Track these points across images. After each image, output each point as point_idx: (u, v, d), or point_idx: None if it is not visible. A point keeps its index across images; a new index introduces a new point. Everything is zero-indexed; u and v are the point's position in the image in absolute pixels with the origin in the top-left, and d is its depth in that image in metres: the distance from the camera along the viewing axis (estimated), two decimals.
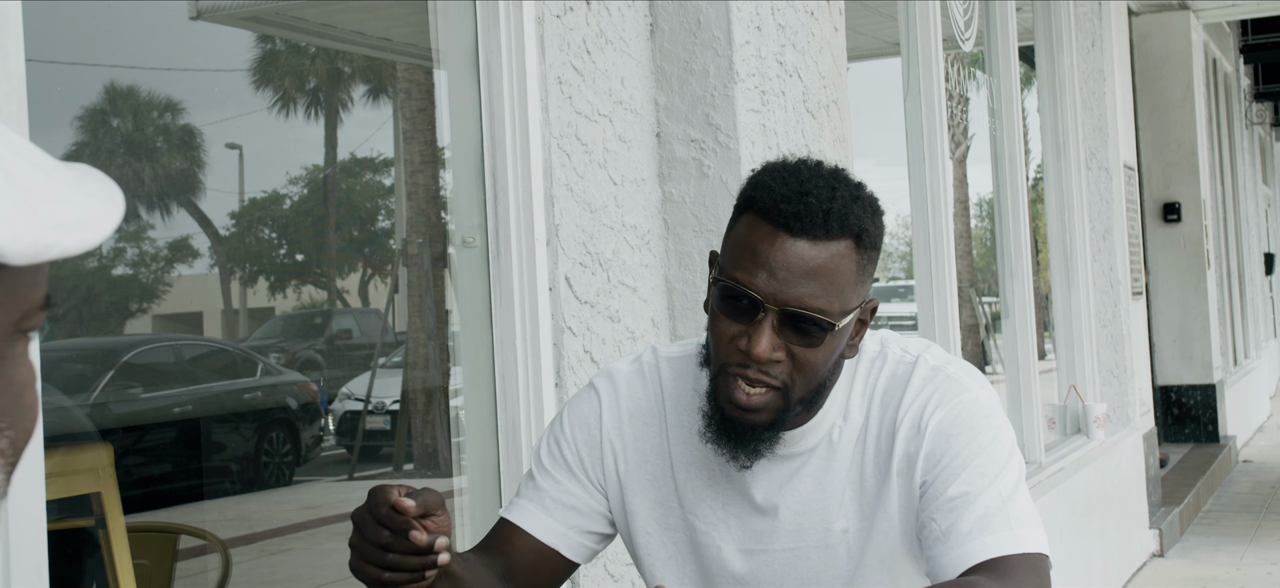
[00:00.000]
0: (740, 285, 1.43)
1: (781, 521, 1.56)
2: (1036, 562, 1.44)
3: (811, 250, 1.42)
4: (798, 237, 1.41)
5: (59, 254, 0.77)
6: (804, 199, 1.42)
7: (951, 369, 1.55)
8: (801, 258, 1.41)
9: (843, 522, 1.55)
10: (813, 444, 1.55)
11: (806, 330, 1.43)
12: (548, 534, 1.61)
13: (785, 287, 1.41)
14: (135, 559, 3.23)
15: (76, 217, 0.77)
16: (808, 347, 1.43)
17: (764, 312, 1.42)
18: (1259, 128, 15.58)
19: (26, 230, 0.74)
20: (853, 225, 1.43)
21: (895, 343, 1.59)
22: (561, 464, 1.64)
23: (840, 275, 1.43)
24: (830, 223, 1.41)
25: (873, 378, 1.57)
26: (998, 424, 1.52)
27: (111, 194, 0.81)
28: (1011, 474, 1.48)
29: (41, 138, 8.99)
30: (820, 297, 1.42)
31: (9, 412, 0.81)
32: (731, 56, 2.93)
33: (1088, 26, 6.58)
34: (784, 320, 1.42)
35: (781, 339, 1.43)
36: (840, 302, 1.43)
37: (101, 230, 0.79)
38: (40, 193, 0.76)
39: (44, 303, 0.82)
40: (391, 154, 23.35)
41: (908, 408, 1.52)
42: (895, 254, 46.03)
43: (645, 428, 1.63)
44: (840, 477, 1.56)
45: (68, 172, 0.80)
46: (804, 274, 1.41)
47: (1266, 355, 14.47)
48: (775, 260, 1.42)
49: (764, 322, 1.42)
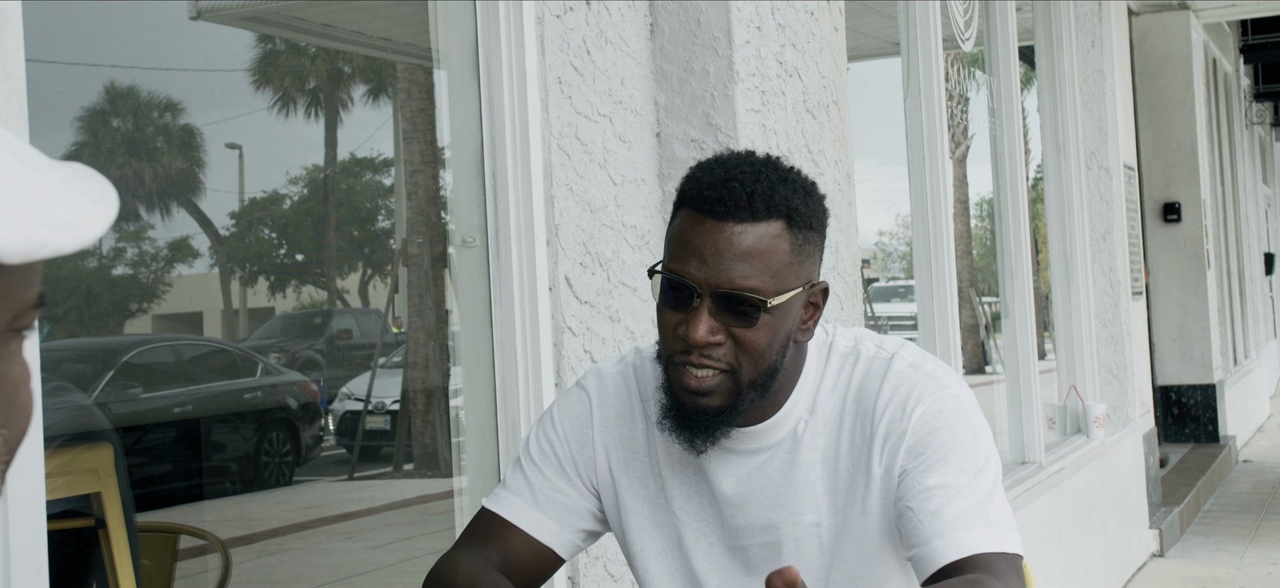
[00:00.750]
0: (675, 275, 1.47)
1: (752, 515, 1.58)
2: (1016, 563, 1.46)
3: (740, 232, 1.45)
4: (724, 220, 1.45)
5: (52, 253, 0.76)
6: (728, 185, 1.46)
7: (929, 367, 1.57)
8: (730, 241, 1.45)
9: (813, 515, 1.57)
10: (778, 438, 1.57)
11: (742, 311, 1.45)
12: (544, 533, 1.63)
13: (715, 271, 1.45)
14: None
15: (69, 215, 0.77)
16: (745, 327, 1.46)
17: (698, 297, 1.45)
18: (1259, 128, 15.58)
19: (19, 229, 0.74)
20: (781, 206, 1.46)
21: (869, 339, 1.61)
22: (553, 463, 1.65)
23: (773, 256, 1.45)
24: (756, 204, 1.45)
25: (846, 373, 1.58)
26: (977, 423, 1.54)
27: (105, 192, 0.81)
28: (990, 473, 1.51)
29: (41, 138, 8.94)
30: (752, 276, 1.44)
31: (3, 410, 0.81)
32: (731, 56, 2.93)
33: (1088, 26, 6.58)
34: (718, 303, 1.45)
35: (719, 322, 1.46)
36: (775, 282, 1.46)
37: (95, 229, 0.79)
38: (33, 191, 0.76)
39: (38, 301, 0.82)
40: (391, 154, 23.35)
41: (888, 401, 1.54)
42: (895, 254, 46.03)
43: (631, 426, 1.65)
44: (808, 471, 1.57)
45: (61, 170, 0.80)
46: (734, 256, 1.44)
47: (1266, 355, 14.47)
48: (705, 246, 1.45)
49: (700, 307, 1.45)
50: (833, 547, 1.57)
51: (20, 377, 0.83)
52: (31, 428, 0.86)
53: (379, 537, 8.75)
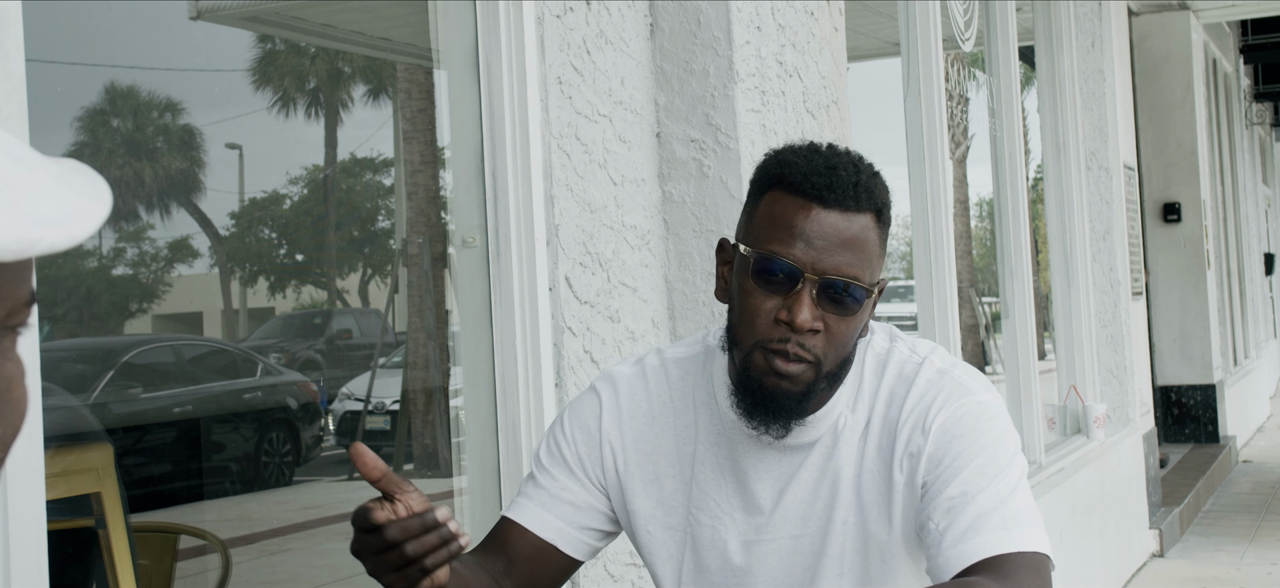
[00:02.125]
0: (778, 257, 1.44)
1: (784, 510, 1.57)
2: (1035, 561, 1.44)
3: (844, 221, 1.44)
4: (830, 208, 1.44)
5: (44, 250, 0.76)
6: (833, 173, 1.45)
7: (957, 373, 1.56)
8: (836, 228, 1.44)
9: (842, 514, 1.56)
10: (819, 434, 1.56)
11: (843, 300, 1.45)
12: (546, 530, 1.62)
13: (823, 255, 1.43)
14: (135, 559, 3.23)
15: (62, 212, 0.77)
16: (843, 316, 1.45)
17: (803, 281, 1.44)
18: (1259, 128, 15.58)
19: (10, 226, 0.74)
20: (877, 199, 1.47)
21: (903, 342, 1.60)
22: (560, 463, 1.65)
23: (868, 247, 1.46)
24: (859, 194, 1.45)
25: (878, 375, 1.57)
26: (1001, 427, 1.52)
27: (98, 189, 0.81)
28: (1012, 475, 1.48)
29: (41, 138, 8.94)
30: (855, 265, 1.44)
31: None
32: (731, 56, 2.93)
33: (1088, 26, 6.58)
34: (822, 290, 1.44)
35: (818, 310, 1.44)
36: (870, 273, 1.46)
37: (87, 226, 0.78)
38: (24, 188, 0.76)
39: (30, 299, 0.81)
40: (391, 154, 23.35)
41: (912, 409, 1.53)
42: (895, 254, 46.01)
43: (647, 428, 1.64)
44: (843, 469, 1.56)
45: (53, 166, 0.80)
46: (839, 244, 1.44)
47: (1266, 356, 14.47)
48: (812, 231, 1.44)
49: (803, 291, 1.44)
50: (857, 549, 1.57)
51: (14, 374, 0.82)
52: (26, 425, 0.85)
53: None
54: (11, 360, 0.82)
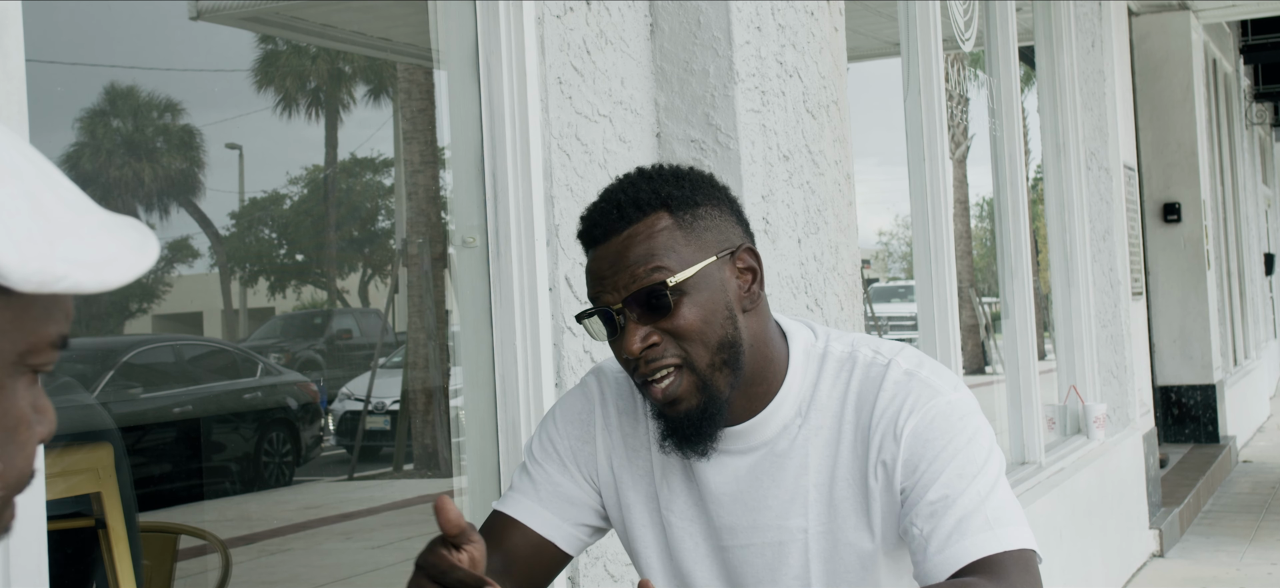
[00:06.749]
0: (593, 307, 1.50)
1: (738, 516, 1.58)
2: (1021, 558, 1.44)
3: (621, 241, 1.48)
4: (609, 237, 1.49)
5: (70, 288, 0.75)
6: (601, 207, 1.50)
7: (924, 373, 1.54)
8: (615, 251, 1.48)
9: (800, 521, 1.56)
10: (766, 437, 1.56)
11: (655, 302, 1.46)
12: (544, 526, 1.63)
13: (614, 280, 1.47)
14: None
15: (96, 257, 0.76)
16: (666, 314, 1.47)
17: (617, 314, 1.48)
18: (1259, 128, 15.58)
19: (35, 256, 0.73)
20: (651, 201, 1.49)
21: (866, 345, 1.58)
22: (553, 458, 1.65)
23: (658, 242, 1.47)
24: (625, 211, 1.48)
25: (843, 381, 1.56)
26: (973, 425, 1.51)
27: (145, 242, 0.79)
28: (989, 474, 1.48)
29: (41, 138, 8.96)
30: (649, 267, 1.46)
31: (2, 446, 0.78)
32: (731, 56, 2.93)
33: (1088, 27, 6.58)
34: (635, 308, 1.47)
35: (645, 326, 1.47)
36: (676, 261, 1.47)
37: (124, 273, 0.77)
38: (63, 228, 0.75)
39: (59, 342, 0.79)
40: (391, 154, 23.37)
41: (882, 413, 1.52)
42: (896, 254, 46.03)
43: (633, 425, 1.65)
44: (800, 476, 1.55)
45: (102, 215, 0.79)
46: (624, 262, 1.47)
47: (1266, 356, 14.47)
48: (601, 269, 1.49)
49: (623, 321, 1.48)
50: (824, 556, 1.56)
51: (23, 415, 0.79)
52: (35, 473, 0.81)
53: (379, 537, 8.75)
54: (23, 401, 0.78)
